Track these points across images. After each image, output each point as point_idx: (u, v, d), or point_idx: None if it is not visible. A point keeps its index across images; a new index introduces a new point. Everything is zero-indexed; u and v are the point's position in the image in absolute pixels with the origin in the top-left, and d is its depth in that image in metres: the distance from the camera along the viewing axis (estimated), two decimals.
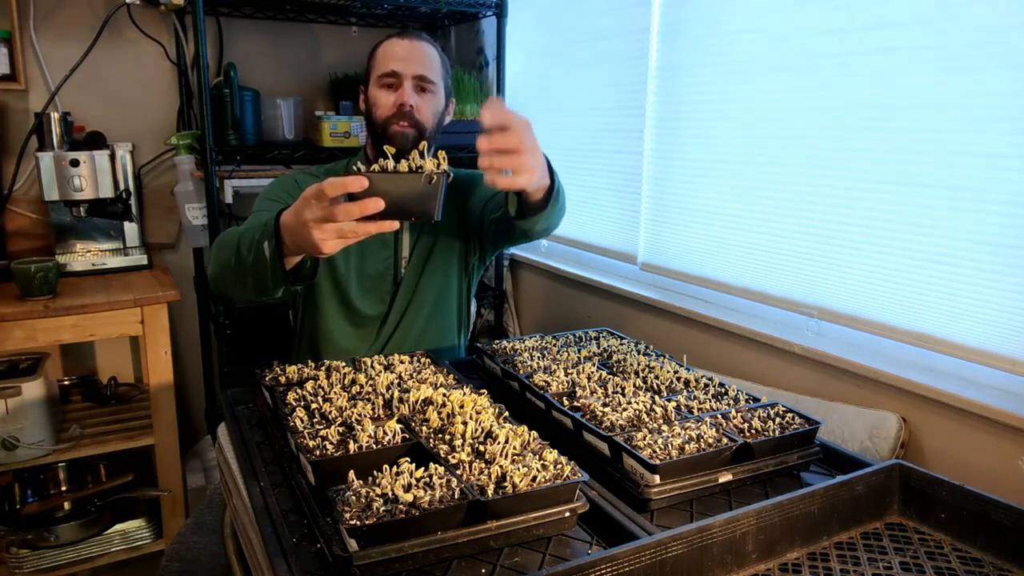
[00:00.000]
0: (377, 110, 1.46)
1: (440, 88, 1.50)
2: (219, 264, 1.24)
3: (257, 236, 1.12)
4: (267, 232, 1.10)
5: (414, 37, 1.49)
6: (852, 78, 1.36)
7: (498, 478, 0.82)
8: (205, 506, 1.42)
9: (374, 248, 1.53)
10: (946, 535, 0.88)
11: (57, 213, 2.22)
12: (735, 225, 1.65)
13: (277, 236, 1.09)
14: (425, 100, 1.47)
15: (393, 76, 1.45)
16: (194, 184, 2.25)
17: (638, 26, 1.89)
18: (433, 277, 1.57)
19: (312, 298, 1.55)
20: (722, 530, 0.78)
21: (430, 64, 1.48)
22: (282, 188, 1.50)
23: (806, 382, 1.49)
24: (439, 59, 1.52)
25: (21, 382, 1.96)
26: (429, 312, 1.57)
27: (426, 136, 1.47)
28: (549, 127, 2.33)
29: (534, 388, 1.12)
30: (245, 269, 1.16)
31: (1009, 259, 1.15)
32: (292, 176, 1.56)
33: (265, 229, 1.10)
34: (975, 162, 1.18)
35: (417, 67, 1.46)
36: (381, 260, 1.54)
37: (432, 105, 1.48)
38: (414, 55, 1.46)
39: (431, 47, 1.50)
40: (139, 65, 2.41)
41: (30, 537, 2.02)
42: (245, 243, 1.16)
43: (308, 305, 1.57)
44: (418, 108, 1.45)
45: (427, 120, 1.47)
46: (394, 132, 1.44)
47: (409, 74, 1.45)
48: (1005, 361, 1.18)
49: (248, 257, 1.14)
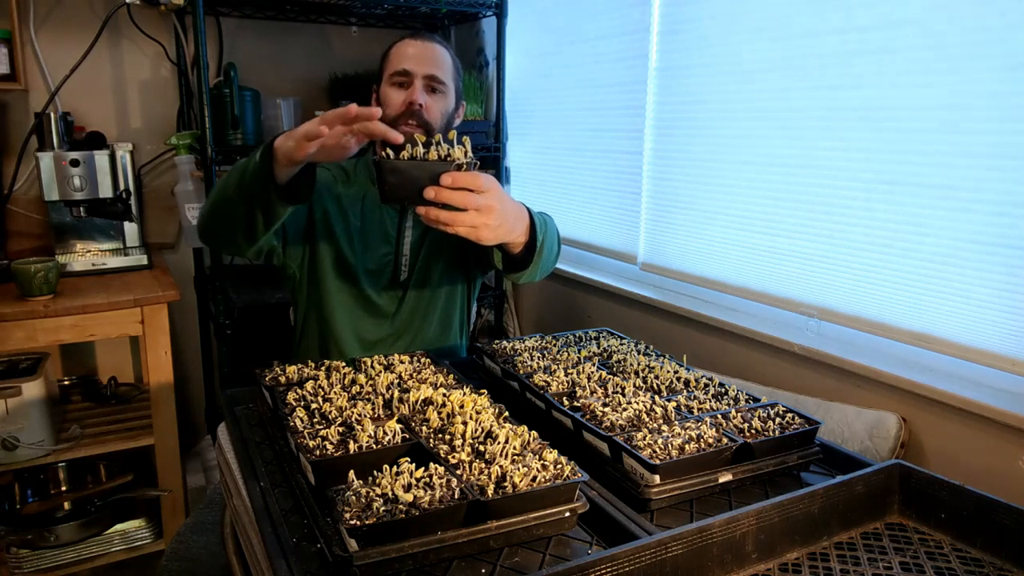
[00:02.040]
0: (387, 108, 1.47)
1: (451, 90, 1.52)
2: (211, 201, 1.31)
3: (249, 158, 1.19)
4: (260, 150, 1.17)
5: (427, 39, 1.51)
6: (852, 78, 1.36)
7: (498, 478, 0.82)
8: (205, 506, 1.42)
9: (375, 243, 1.54)
10: (946, 535, 0.88)
11: (57, 213, 2.22)
12: (735, 225, 1.65)
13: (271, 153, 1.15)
14: (435, 100, 1.48)
15: (404, 75, 1.46)
16: (194, 184, 2.25)
17: (638, 26, 1.89)
18: (434, 275, 1.57)
19: (318, 291, 1.54)
20: (722, 530, 0.78)
21: (441, 65, 1.50)
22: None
23: (806, 382, 1.49)
24: (451, 61, 1.53)
25: (21, 382, 1.96)
26: (431, 310, 1.58)
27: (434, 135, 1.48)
28: (549, 127, 2.33)
29: (534, 388, 1.12)
30: (235, 197, 1.23)
31: (1009, 259, 1.15)
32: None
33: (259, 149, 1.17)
34: (975, 162, 1.18)
35: (428, 67, 1.47)
36: (381, 256, 1.54)
37: (442, 105, 1.50)
38: (426, 55, 1.48)
39: (444, 49, 1.52)
40: (139, 65, 2.41)
41: (30, 537, 2.02)
42: (237, 170, 1.23)
43: (314, 299, 1.56)
44: (427, 108, 1.46)
45: (435, 120, 1.48)
46: (402, 132, 1.44)
47: (420, 73, 1.46)
48: (1005, 361, 1.18)
49: (240, 180, 1.20)
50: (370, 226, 1.55)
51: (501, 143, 2.49)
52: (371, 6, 2.30)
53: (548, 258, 1.36)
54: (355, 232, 1.54)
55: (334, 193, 1.54)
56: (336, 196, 1.54)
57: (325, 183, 1.53)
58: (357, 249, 1.53)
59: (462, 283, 1.63)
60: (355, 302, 1.54)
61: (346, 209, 1.54)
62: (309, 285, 1.56)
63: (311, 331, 1.58)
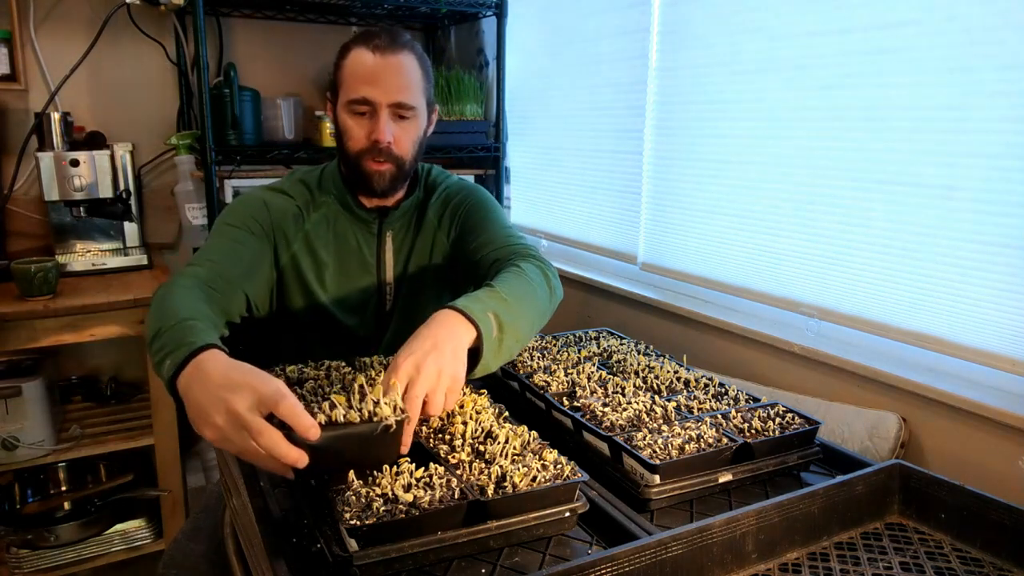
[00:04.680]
0: (349, 141, 1.29)
1: (421, 108, 1.31)
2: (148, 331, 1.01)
3: (163, 354, 0.91)
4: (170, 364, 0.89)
5: (387, 48, 1.26)
6: (852, 78, 1.36)
7: (498, 478, 0.82)
8: (201, 510, 1.41)
9: (355, 273, 1.39)
10: (946, 535, 0.88)
11: (57, 213, 2.22)
12: (735, 225, 1.65)
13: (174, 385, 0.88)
14: (404, 129, 1.29)
15: (366, 104, 1.25)
16: (194, 184, 2.25)
17: (638, 26, 1.89)
18: (421, 298, 1.44)
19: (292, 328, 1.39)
20: (722, 530, 0.78)
21: (408, 85, 1.27)
22: (247, 211, 1.32)
23: (806, 382, 1.49)
24: (419, 70, 1.30)
25: (21, 382, 1.96)
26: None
27: (406, 168, 1.33)
28: (549, 127, 2.33)
29: (534, 388, 1.12)
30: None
31: (1009, 259, 1.15)
32: (259, 196, 1.36)
33: (172, 356, 0.89)
34: (975, 162, 1.18)
35: (394, 93, 1.25)
36: (363, 287, 1.40)
37: (412, 133, 1.31)
38: (389, 78, 1.25)
39: (408, 56, 1.28)
40: (139, 65, 2.41)
41: (30, 537, 2.02)
42: (156, 343, 0.94)
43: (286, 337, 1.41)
44: (396, 141, 1.28)
45: (406, 152, 1.31)
46: (370, 171, 1.29)
47: (384, 103, 1.25)
48: (1005, 361, 1.18)
49: (150, 350, 0.96)
50: (346, 256, 1.38)
51: (501, 143, 2.49)
52: (371, 6, 2.30)
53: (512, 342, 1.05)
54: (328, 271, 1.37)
55: (301, 230, 1.36)
56: (304, 234, 1.36)
57: (291, 218, 1.35)
58: (334, 278, 1.37)
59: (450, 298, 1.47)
60: (335, 332, 1.40)
61: (316, 247, 1.36)
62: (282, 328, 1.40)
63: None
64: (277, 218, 1.34)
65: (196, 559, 1.25)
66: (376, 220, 1.39)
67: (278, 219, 1.35)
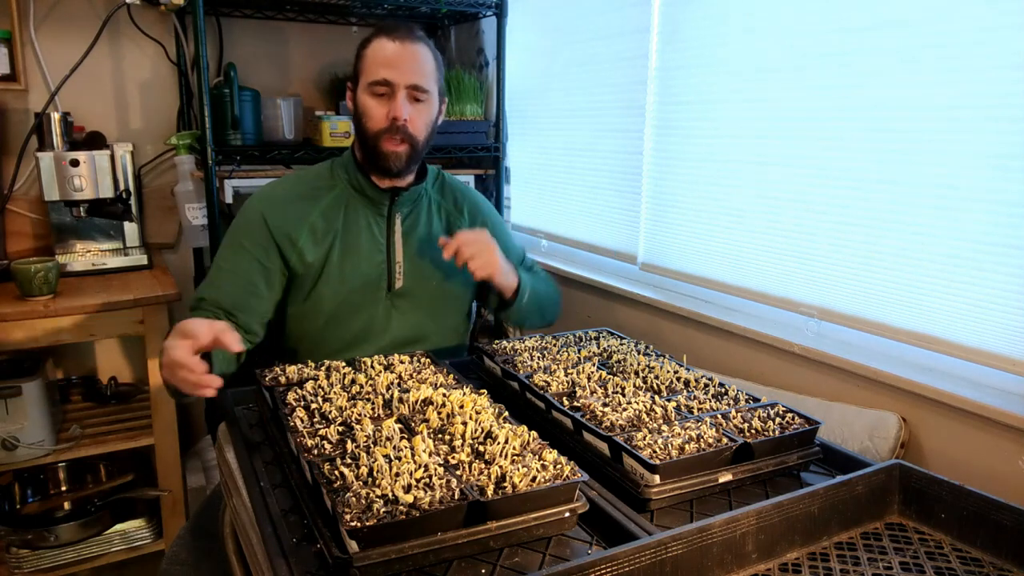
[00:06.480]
0: (368, 121, 1.40)
1: (434, 94, 1.44)
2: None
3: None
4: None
5: (406, 37, 1.39)
6: (852, 78, 1.36)
7: (498, 478, 0.82)
8: (202, 510, 1.41)
9: (365, 252, 1.46)
10: (946, 535, 0.88)
11: (57, 213, 2.22)
12: (736, 225, 1.65)
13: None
14: (419, 111, 1.41)
15: (385, 85, 1.38)
16: (194, 184, 2.25)
17: (638, 26, 1.89)
18: (429, 279, 1.51)
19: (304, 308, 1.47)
20: (722, 530, 0.78)
21: (424, 70, 1.40)
22: (250, 234, 1.43)
23: (806, 382, 1.49)
24: (433, 61, 1.43)
25: (21, 382, 1.96)
26: (431, 315, 1.52)
27: (419, 149, 1.43)
28: (549, 127, 2.33)
29: (534, 388, 1.12)
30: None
31: (1009, 259, 1.15)
32: (258, 211, 1.44)
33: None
34: (975, 162, 1.18)
35: (411, 76, 1.38)
36: (375, 265, 1.47)
37: (426, 115, 1.43)
38: (407, 61, 1.38)
39: (424, 47, 1.41)
40: (139, 65, 2.41)
41: (30, 537, 2.02)
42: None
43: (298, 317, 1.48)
44: (411, 121, 1.39)
45: (420, 132, 1.42)
46: (387, 151, 1.40)
47: (402, 84, 1.37)
48: (1005, 361, 1.18)
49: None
50: (356, 236, 1.47)
51: (501, 143, 2.49)
52: (371, 6, 2.30)
53: (535, 305, 1.53)
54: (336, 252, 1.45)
55: (305, 221, 1.45)
56: (309, 225, 1.44)
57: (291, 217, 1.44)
58: (348, 258, 1.45)
59: (464, 286, 1.56)
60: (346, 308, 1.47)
61: (323, 232, 1.45)
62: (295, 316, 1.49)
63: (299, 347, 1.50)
64: (277, 224, 1.43)
65: (196, 559, 1.25)
66: (387, 201, 1.48)
67: (278, 225, 1.43)
